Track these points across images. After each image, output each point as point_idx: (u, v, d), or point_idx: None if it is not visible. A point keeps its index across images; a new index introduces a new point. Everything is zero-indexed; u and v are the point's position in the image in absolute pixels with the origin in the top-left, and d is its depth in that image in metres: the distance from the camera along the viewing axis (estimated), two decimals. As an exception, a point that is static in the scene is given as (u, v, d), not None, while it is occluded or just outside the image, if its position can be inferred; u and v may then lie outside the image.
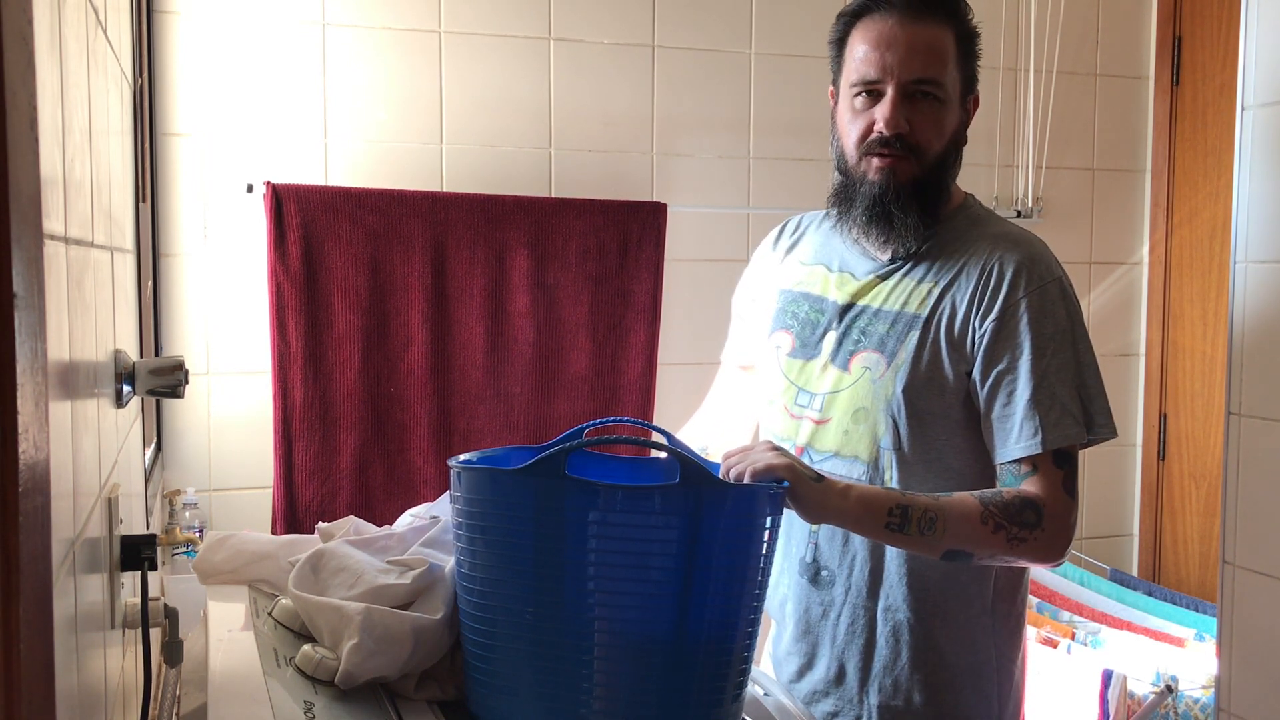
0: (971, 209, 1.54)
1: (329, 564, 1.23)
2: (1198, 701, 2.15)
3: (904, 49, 1.41)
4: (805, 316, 1.55)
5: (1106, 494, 3.21)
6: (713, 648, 1.07)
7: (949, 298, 1.45)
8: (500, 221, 2.53)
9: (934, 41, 1.42)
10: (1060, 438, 1.39)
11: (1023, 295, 1.42)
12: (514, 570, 1.05)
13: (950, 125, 1.45)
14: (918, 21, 1.42)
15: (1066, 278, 1.47)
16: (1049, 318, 1.41)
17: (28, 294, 0.59)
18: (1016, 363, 1.41)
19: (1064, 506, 1.39)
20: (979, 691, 1.50)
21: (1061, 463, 1.40)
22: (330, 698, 1.09)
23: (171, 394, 1.27)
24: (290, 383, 2.40)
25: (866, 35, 1.45)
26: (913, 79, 1.41)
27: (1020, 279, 1.42)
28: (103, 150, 1.26)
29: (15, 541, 0.56)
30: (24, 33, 0.62)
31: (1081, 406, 1.41)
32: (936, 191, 1.47)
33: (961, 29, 1.45)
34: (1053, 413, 1.39)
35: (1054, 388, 1.40)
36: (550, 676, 1.04)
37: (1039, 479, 1.39)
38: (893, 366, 1.45)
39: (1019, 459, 1.40)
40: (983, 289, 1.43)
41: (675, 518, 1.02)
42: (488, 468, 1.09)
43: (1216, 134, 2.97)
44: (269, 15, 2.45)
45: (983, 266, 1.45)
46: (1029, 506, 1.37)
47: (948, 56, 1.43)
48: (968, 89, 1.48)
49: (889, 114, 1.42)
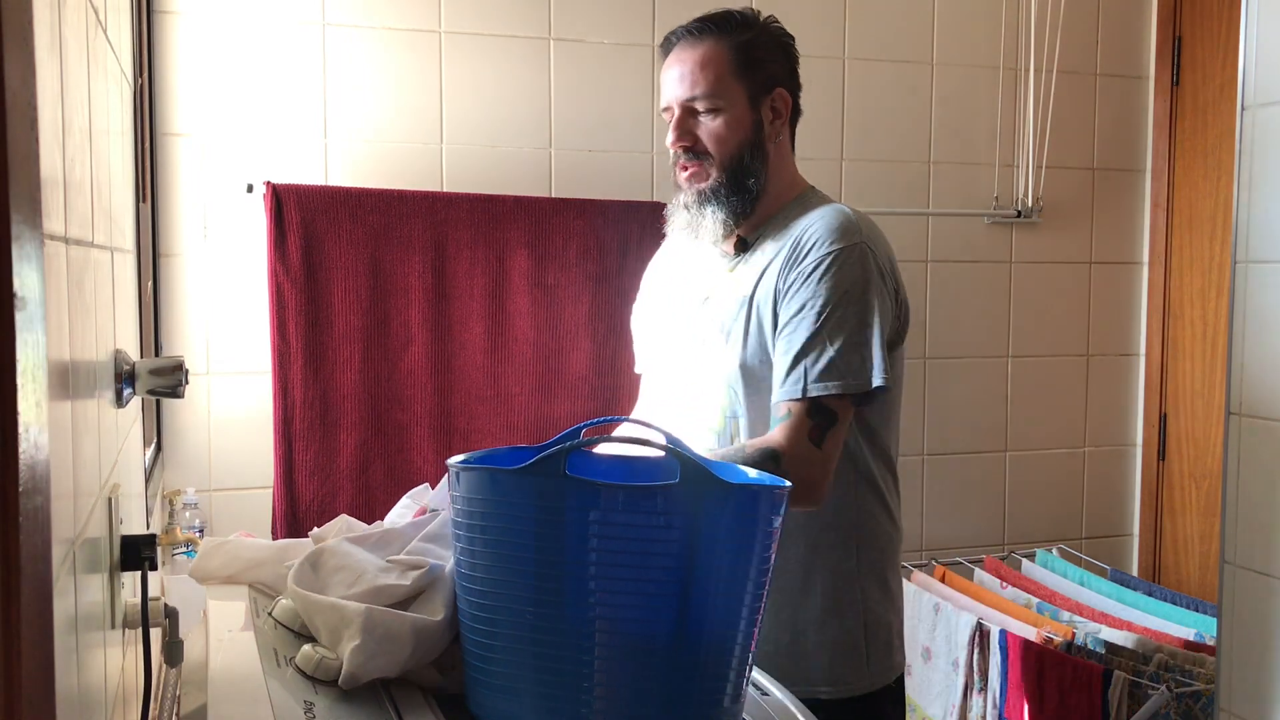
0: (805, 198, 1.70)
1: (328, 562, 1.23)
2: (1198, 701, 2.15)
3: (676, 74, 1.64)
4: (678, 310, 1.74)
5: (1106, 494, 3.21)
6: (714, 648, 1.07)
7: (767, 273, 1.61)
8: (500, 221, 2.53)
9: (705, 61, 1.62)
10: (820, 388, 1.51)
11: (815, 259, 1.56)
12: (514, 570, 1.05)
13: (738, 129, 1.62)
14: (690, 47, 1.63)
15: (877, 249, 1.59)
16: (834, 278, 1.54)
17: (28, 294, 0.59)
18: (801, 314, 1.54)
19: (805, 453, 1.50)
20: (844, 635, 1.63)
21: (814, 414, 1.51)
22: (330, 698, 1.09)
23: (171, 394, 1.27)
24: (290, 382, 2.40)
25: (663, 70, 1.67)
26: (686, 98, 1.63)
27: (822, 242, 1.56)
28: (103, 150, 1.26)
29: (15, 541, 0.56)
30: (24, 33, 0.62)
31: (857, 362, 1.51)
32: (742, 188, 1.63)
33: (737, 42, 1.62)
34: (817, 364, 1.51)
35: (826, 341, 1.52)
36: (550, 676, 1.04)
37: (787, 425, 1.51)
38: (730, 344, 1.63)
39: (782, 403, 1.53)
40: (790, 255, 1.59)
41: (677, 517, 1.02)
42: (486, 467, 1.09)
43: (1216, 134, 2.97)
44: (269, 15, 2.45)
45: (793, 239, 1.61)
46: (769, 457, 1.48)
47: (721, 70, 1.61)
48: (759, 91, 1.64)
49: (671, 131, 1.65)
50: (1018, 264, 3.07)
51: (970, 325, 3.03)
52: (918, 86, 2.95)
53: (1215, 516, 2.92)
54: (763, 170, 1.64)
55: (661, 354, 1.77)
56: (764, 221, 1.67)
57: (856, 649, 1.64)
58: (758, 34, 1.64)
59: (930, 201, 2.98)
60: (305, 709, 1.05)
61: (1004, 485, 3.12)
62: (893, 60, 2.92)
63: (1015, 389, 3.10)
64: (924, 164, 2.96)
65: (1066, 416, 3.16)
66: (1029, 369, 3.11)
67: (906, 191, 2.95)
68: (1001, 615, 2.52)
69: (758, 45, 1.64)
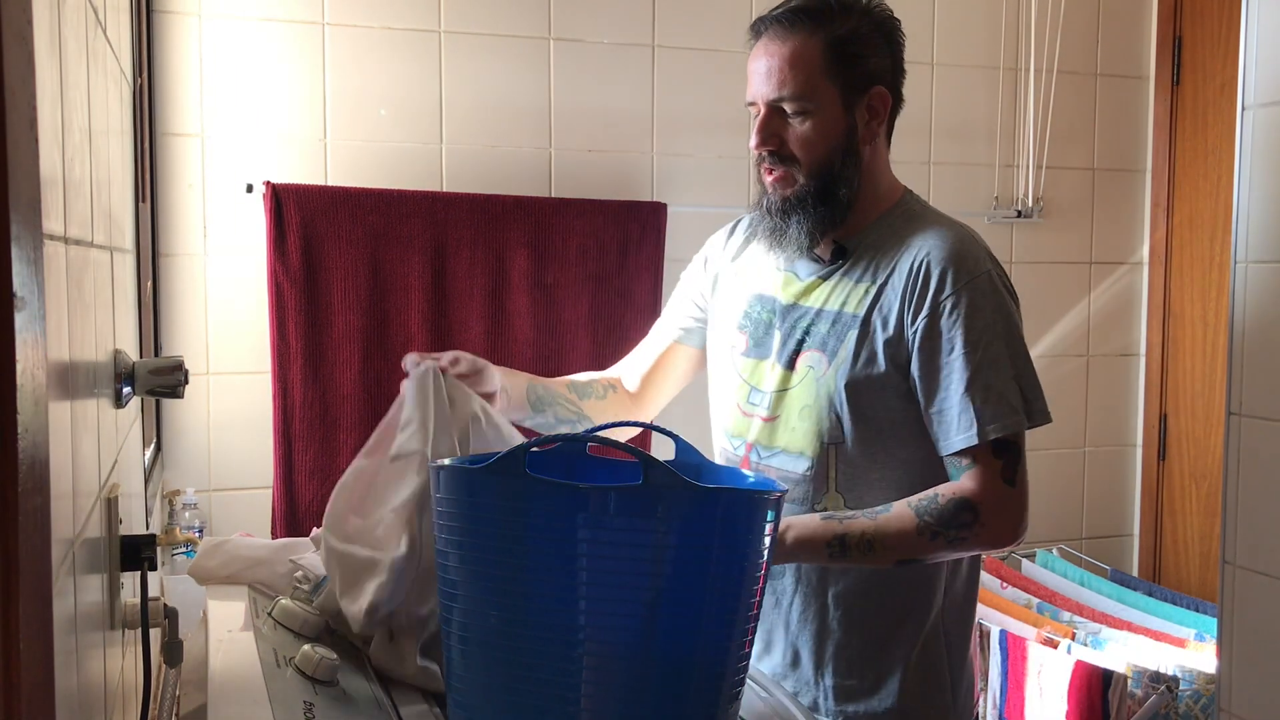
0: (907, 205, 1.58)
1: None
2: (1198, 701, 2.15)
3: (765, 71, 1.50)
4: (757, 317, 1.60)
5: (1106, 494, 3.21)
6: (708, 656, 1.05)
7: (884, 296, 1.49)
8: (500, 221, 2.53)
9: (794, 58, 1.48)
10: (997, 428, 1.42)
11: (951, 293, 1.45)
12: (480, 573, 1.03)
13: (830, 133, 1.50)
14: (780, 40, 1.49)
15: (997, 269, 1.51)
16: (979, 312, 1.45)
17: (28, 294, 0.59)
18: (950, 358, 1.44)
19: (1002, 496, 1.43)
20: (932, 669, 1.54)
21: (1000, 453, 1.43)
22: (330, 698, 1.09)
23: (171, 394, 1.27)
24: (290, 383, 2.40)
25: (750, 60, 1.54)
26: (773, 98, 1.49)
27: (948, 276, 1.46)
28: (103, 150, 1.26)
29: (15, 541, 0.56)
30: (24, 33, 0.62)
31: (1021, 396, 1.44)
32: (832, 197, 1.51)
33: (832, 36, 1.48)
34: (989, 404, 1.42)
35: (989, 379, 1.43)
36: (527, 685, 1.02)
37: (976, 472, 1.43)
38: (834, 365, 1.50)
39: (959, 451, 1.44)
40: (913, 287, 1.47)
41: (647, 520, 1.00)
42: (457, 465, 1.08)
43: (1216, 134, 2.97)
44: (269, 15, 2.45)
45: (913, 264, 1.48)
46: (964, 508, 1.41)
47: (813, 69, 1.48)
48: (854, 92, 1.50)
49: (754, 132, 1.52)
50: (1018, 264, 3.07)
51: (970, 325, 3.03)
52: (917, 87, 2.95)
53: (1215, 516, 2.92)
54: (855, 177, 1.52)
55: (735, 363, 1.62)
56: (861, 228, 1.55)
57: (943, 684, 1.55)
58: (857, 25, 1.49)
59: (930, 201, 2.96)
60: (305, 709, 1.05)
61: (1004, 485, 3.11)
62: (893, 60, 2.92)
63: (1015, 389, 3.09)
64: (924, 164, 2.96)
65: (1066, 416, 3.16)
66: (1029, 369, 3.11)
67: (906, 191, 2.95)
68: (1001, 615, 2.52)
69: (856, 39, 1.49)
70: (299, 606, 1.24)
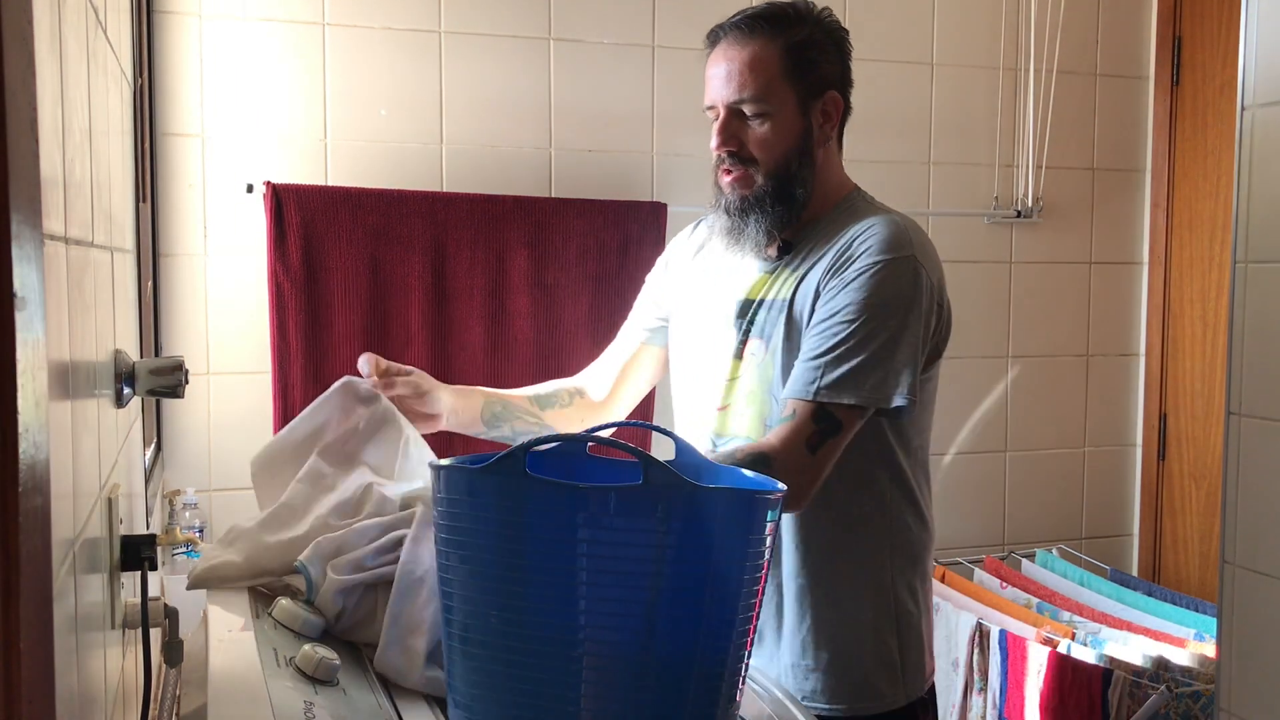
0: (852, 201, 1.64)
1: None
2: (1198, 701, 2.15)
3: (724, 75, 1.56)
4: (714, 312, 1.66)
5: (1106, 494, 3.21)
6: (708, 656, 1.04)
7: (808, 279, 1.55)
8: (500, 221, 2.53)
9: (754, 62, 1.54)
10: (830, 394, 1.44)
11: (867, 264, 1.49)
12: (478, 573, 1.03)
13: (787, 135, 1.56)
14: (739, 45, 1.55)
15: (926, 263, 1.53)
16: (876, 289, 1.47)
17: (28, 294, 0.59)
18: (833, 319, 1.48)
19: (799, 460, 1.44)
20: (881, 647, 1.59)
21: (818, 419, 1.45)
22: (330, 698, 1.09)
23: (171, 394, 1.27)
24: (290, 383, 2.40)
25: (708, 65, 1.61)
26: (733, 100, 1.55)
27: (866, 252, 1.50)
28: (103, 150, 1.26)
29: (15, 541, 0.56)
30: (24, 33, 0.62)
31: (877, 380, 1.45)
32: (788, 196, 1.57)
33: (789, 42, 1.54)
34: (838, 372, 1.45)
35: (854, 351, 1.45)
36: (528, 686, 1.01)
37: (786, 429, 1.45)
38: (769, 350, 1.57)
39: (789, 398, 1.47)
40: (833, 263, 1.53)
41: (675, 522, 1.00)
42: (455, 465, 1.08)
43: (1216, 134, 2.97)
44: (269, 15, 2.45)
45: (840, 244, 1.54)
46: (759, 461, 1.41)
47: (771, 73, 1.54)
48: (810, 95, 1.57)
49: (715, 134, 1.58)
50: (1018, 264, 3.07)
51: (970, 325, 3.03)
52: (918, 87, 2.95)
53: (1215, 516, 2.92)
54: (810, 177, 1.58)
55: (697, 361, 1.69)
56: (808, 225, 1.61)
57: (893, 663, 1.59)
58: (811, 32, 1.56)
59: (930, 201, 2.98)
60: (305, 709, 1.05)
61: (1004, 485, 3.12)
62: (893, 60, 2.92)
63: (1015, 389, 3.10)
64: (924, 164, 2.96)
65: (1066, 416, 3.16)
66: (1029, 369, 3.11)
67: (906, 192, 2.95)
68: (1001, 615, 2.52)
69: (811, 45, 1.56)
70: (299, 606, 1.24)
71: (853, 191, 1.66)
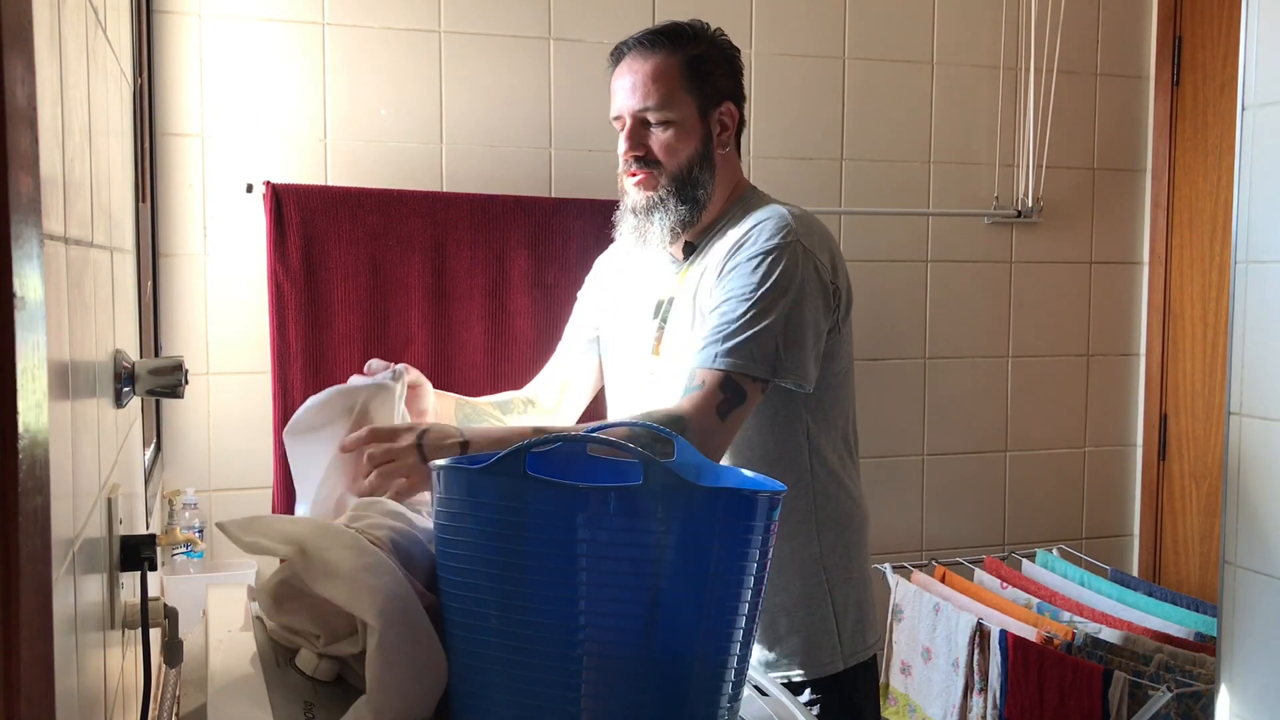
0: (746, 198, 1.75)
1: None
2: (1198, 701, 2.15)
3: (630, 87, 1.69)
4: (633, 314, 1.80)
5: (1106, 494, 3.21)
6: (708, 656, 1.04)
7: (707, 271, 1.67)
8: (500, 221, 2.53)
9: (656, 74, 1.67)
10: (730, 363, 1.54)
11: (749, 252, 1.61)
12: (480, 574, 1.03)
13: (689, 141, 1.68)
14: (642, 59, 1.69)
15: (813, 244, 1.63)
16: (766, 269, 1.59)
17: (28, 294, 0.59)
18: (730, 298, 1.59)
19: (710, 424, 1.54)
20: (815, 613, 1.69)
21: (725, 388, 1.55)
22: (330, 698, 1.09)
23: (171, 394, 1.27)
24: (290, 383, 2.40)
25: (614, 79, 1.73)
26: (638, 109, 1.68)
27: (753, 239, 1.62)
28: (103, 150, 1.26)
29: (15, 541, 0.56)
30: (24, 33, 0.62)
31: (775, 351, 1.56)
32: (689, 198, 1.69)
33: (688, 55, 1.68)
34: (736, 341, 1.55)
35: (750, 323, 1.56)
36: (530, 686, 1.01)
37: (696, 396, 1.55)
38: (682, 342, 1.68)
39: (695, 368, 1.57)
40: (726, 253, 1.65)
41: (675, 523, 1.00)
42: (456, 466, 1.08)
43: (1216, 134, 2.97)
44: (269, 15, 2.45)
45: (732, 237, 1.66)
46: (673, 422, 1.50)
47: (673, 83, 1.67)
48: (708, 104, 1.69)
49: (624, 141, 1.70)
50: (1018, 264, 3.07)
51: (970, 325, 3.03)
52: (918, 86, 2.95)
53: (1215, 516, 2.92)
54: (710, 180, 1.70)
55: (620, 360, 1.83)
56: (710, 226, 1.73)
57: (829, 632, 1.70)
58: (707, 48, 1.70)
59: (930, 201, 2.98)
60: (305, 709, 1.05)
61: (1004, 485, 3.12)
62: (893, 60, 2.92)
63: (1015, 389, 3.10)
64: (924, 164, 2.96)
65: (1066, 416, 3.16)
66: (1029, 369, 3.11)
67: (906, 191, 2.95)
68: (1001, 615, 2.52)
69: (707, 59, 1.69)
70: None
71: (748, 191, 1.77)
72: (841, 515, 1.74)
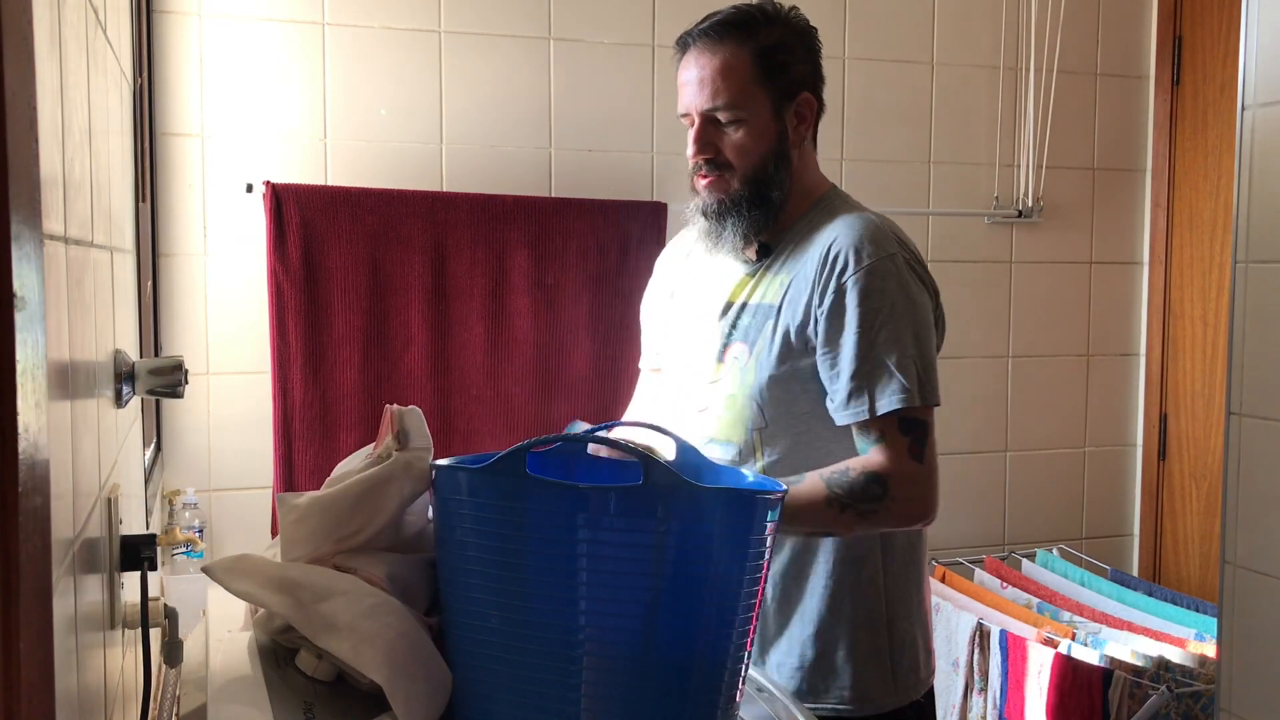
0: (829, 201, 1.63)
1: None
2: (1198, 701, 2.15)
3: (696, 83, 1.55)
4: (697, 317, 1.67)
5: (1106, 494, 3.21)
6: (708, 656, 1.04)
7: (794, 284, 1.55)
8: (500, 221, 2.53)
9: (725, 69, 1.53)
10: (886, 404, 1.47)
11: (852, 274, 1.50)
12: (480, 574, 1.03)
13: (762, 139, 1.56)
14: (709, 52, 1.54)
15: (907, 253, 1.55)
16: (878, 293, 1.49)
17: (28, 294, 0.59)
18: (847, 336, 1.49)
19: (910, 473, 1.48)
20: (871, 645, 1.58)
21: (907, 430, 1.49)
22: (330, 698, 1.09)
23: (171, 394, 1.27)
24: (290, 383, 2.40)
25: (679, 71, 1.59)
26: (707, 108, 1.55)
27: (851, 258, 1.51)
28: (103, 150, 1.26)
29: (15, 541, 0.56)
30: (24, 33, 0.62)
31: (916, 376, 1.49)
32: (764, 200, 1.58)
33: (760, 46, 1.54)
34: (881, 380, 1.47)
35: (884, 356, 1.48)
36: (530, 686, 1.01)
37: (884, 448, 1.48)
38: (754, 355, 1.57)
39: (861, 423, 1.49)
40: (819, 272, 1.53)
41: (675, 522, 1.00)
42: (456, 466, 1.08)
43: (1216, 134, 2.97)
44: (269, 15, 2.45)
45: (821, 252, 1.54)
46: (874, 481, 1.46)
47: (744, 79, 1.53)
48: (783, 98, 1.56)
49: (691, 143, 1.57)
50: (1018, 264, 3.07)
51: (970, 325, 3.03)
52: (918, 86, 2.95)
53: (1215, 516, 2.92)
54: (786, 180, 1.58)
55: (679, 362, 1.70)
56: (787, 227, 1.61)
57: (882, 665, 1.58)
58: (781, 34, 1.56)
59: (930, 201, 2.98)
60: (305, 709, 1.05)
61: (1004, 485, 3.12)
62: (893, 60, 2.92)
63: (1015, 389, 3.10)
64: (924, 164, 2.96)
65: (1066, 416, 3.16)
66: (1029, 369, 3.11)
67: (906, 191, 2.95)
68: (1001, 615, 2.52)
69: (781, 48, 1.55)
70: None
71: (829, 191, 1.66)
72: (908, 542, 1.62)
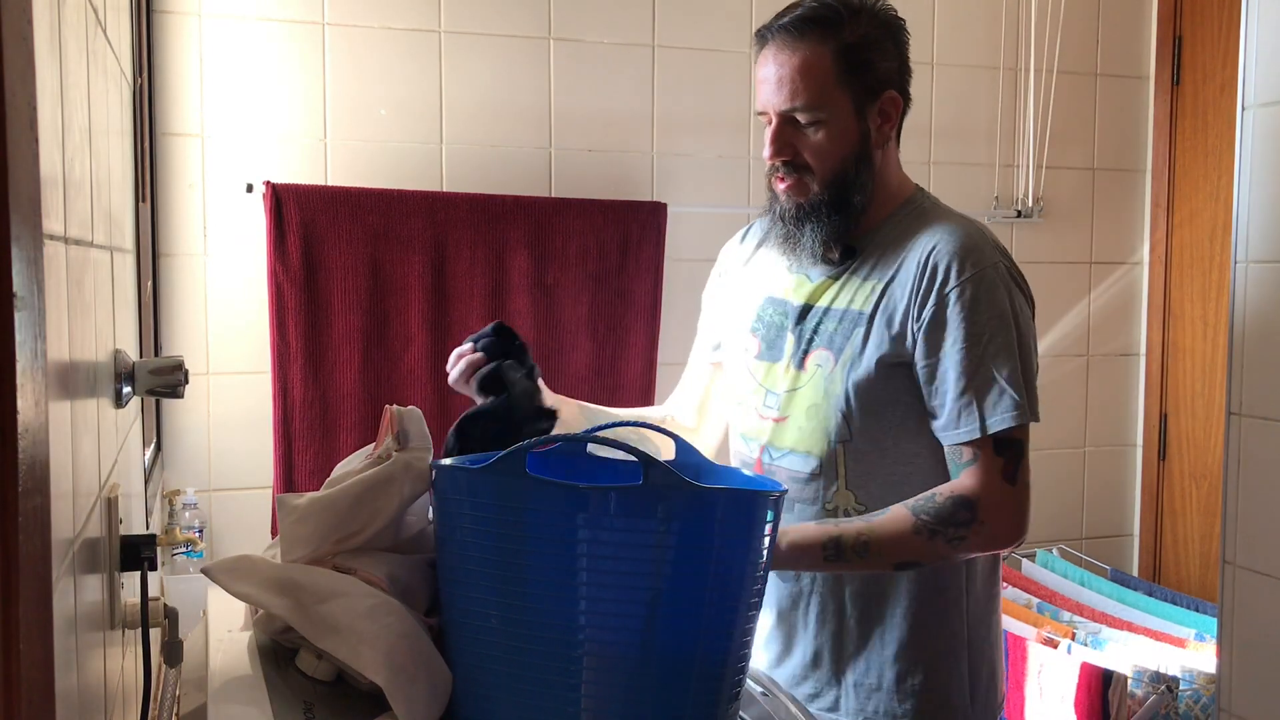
0: (917, 203, 1.57)
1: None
2: (1198, 701, 2.15)
3: (775, 81, 1.47)
4: (770, 320, 1.59)
5: (1106, 494, 3.21)
6: (708, 656, 1.04)
7: (890, 293, 1.48)
8: (500, 221, 2.53)
9: (805, 68, 1.45)
10: (999, 421, 1.40)
11: (955, 285, 1.44)
12: (479, 573, 1.03)
13: (844, 141, 1.48)
14: (790, 49, 1.46)
15: (1008, 262, 1.49)
16: (984, 305, 1.43)
17: (28, 294, 0.59)
18: (952, 350, 1.43)
19: (1002, 495, 1.41)
20: (951, 670, 1.52)
21: (1001, 450, 1.41)
22: (330, 698, 1.09)
23: (171, 394, 1.27)
24: (290, 383, 2.40)
25: (757, 67, 1.51)
26: (786, 109, 1.47)
27: (953, 269, 1.44)
28: (103, 150, 1.26)
29: (15, 541, 0.56)
30: (24, 33, 0.62)
31: (1025, 391, 1.42)
32: (846, 204, 1.50)
33: (842, 44, 1.45)
34: (990, 398, 1.41)
35: (992, 373, 1.41)
36: (530, 686, 1.01)
37: (976, 469, 1.42)
38: (840, 363, 1.48)
39: (961, 444, 1.43)
40: (919, 281, 1.46)
41: (675, 522, 1.00)
42: (457, 465, 1.08)
43: (1216, 134, 2.97)
44: (269, 15, 2.45)
45: (919, 260, 1.47)
46: (962, 505, 1.40)
47: (825, 79, 1.45)
48: (866, 98, 1.48)
49: (769, 144, 1.49)
50: (1018, 264, 3.07)
51: (970, 325, 3.03)
52: (918, 87, 2.95)
53: (1215, 516, 2.92)
54: (869, 182, 1.51)
55: (744, 364, 1.61)
56: (872, 229, 1.53)
57: (961, 690, 1.53)
58: (865, 30, 1.47)
59: (930, 201, 2.97)
60: (305, 709, 1.05)
61: (1004, 485, 3.11)
62: (893, 60, 2.92)
63: (1015, 389, 3.10)
64: (924, 164, 2.96)
65: (1066, 416, 3.16)
66: (1029, 369, 3.11)
67: (906, 191, 2.95)
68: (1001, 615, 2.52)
69: (865, 44, 1.46)
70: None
71: (915, 192, 1.59)
72: (991, 565, 1.56)
